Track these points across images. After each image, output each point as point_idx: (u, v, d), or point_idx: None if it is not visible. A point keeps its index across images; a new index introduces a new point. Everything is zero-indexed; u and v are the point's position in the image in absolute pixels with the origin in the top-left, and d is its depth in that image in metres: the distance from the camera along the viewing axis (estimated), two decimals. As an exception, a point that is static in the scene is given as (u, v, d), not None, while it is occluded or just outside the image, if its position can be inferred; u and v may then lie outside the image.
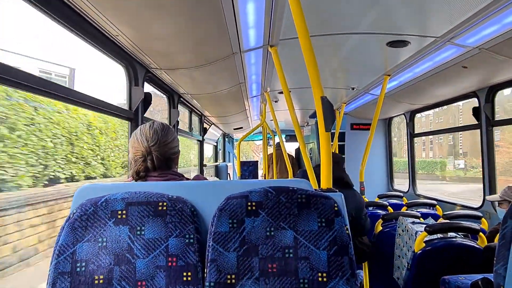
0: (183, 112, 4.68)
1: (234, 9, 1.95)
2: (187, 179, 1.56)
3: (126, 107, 2.67)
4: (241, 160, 6.48)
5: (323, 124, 1.53)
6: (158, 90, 3.45)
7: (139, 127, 1.56)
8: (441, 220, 3.06)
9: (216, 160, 8.98)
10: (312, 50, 1.56)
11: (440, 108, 4.52)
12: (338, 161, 2.74)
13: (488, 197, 3.25)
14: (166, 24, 2.06)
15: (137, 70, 2.66)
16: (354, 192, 2.74)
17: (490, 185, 3.49)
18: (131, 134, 2.61)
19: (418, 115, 5.22)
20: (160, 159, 1.49)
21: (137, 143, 1.50)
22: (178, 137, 1.67)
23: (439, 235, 2.41)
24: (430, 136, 28.45)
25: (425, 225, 2.42)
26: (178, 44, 2.39)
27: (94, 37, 2.09)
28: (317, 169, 1.99)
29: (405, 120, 5.31)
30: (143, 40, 2.27)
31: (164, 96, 3.78)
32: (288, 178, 4.53)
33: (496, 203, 3.30)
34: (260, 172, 9.34)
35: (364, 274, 3.12)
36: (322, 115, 1.53)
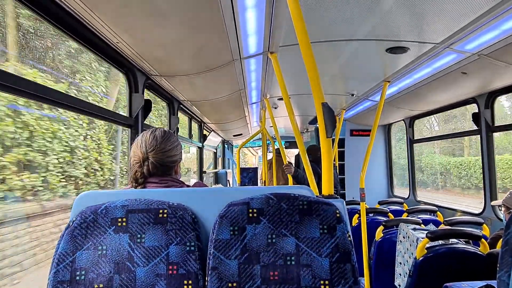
0: (182, 119, 4.69)
1: (234, 17, 1.95)
2: (187, 186, 1.55)
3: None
4: (239, 165, 6.47)
5: (324, 130, 1.53)
6: (158, 97, 3.46)
7: (142, 133, 1.56)
8: (442, 227, 3.05)
9: (215, 167, 8.96)
10: (312, 56, 1.57)
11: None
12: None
13: (492, 202, 3.30)
14: (166, 32, 2.06)
15: (137, 77, 2.66)
16: None
17: (490, 190, 3.49)
18: (131, 141, 2.63)
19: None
20: (156, 166, 1.48)
21: (136, 148, 1.51)
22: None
23: (441, 242, 2.39)
24: None
25: (426, 232, 2.41)
26: (178, 51, 2.39)
27: (95, 44, 2.10)
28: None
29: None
30: (143, 48, 2.28)
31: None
32: (287, 184, 4.51)
33: (497, 208, 3.31)
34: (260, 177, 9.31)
35: (365, 281, 3.10)
36: (323, 121, 1.53)
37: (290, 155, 10.32)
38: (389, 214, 3.73)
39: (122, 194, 1.29)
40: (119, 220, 1.20)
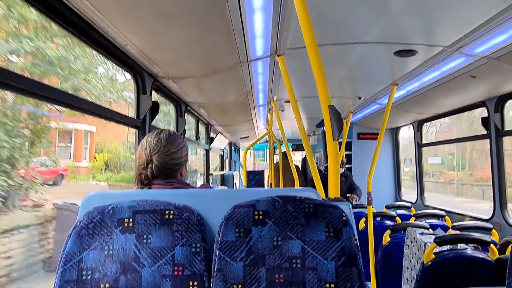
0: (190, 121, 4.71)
1: (242, 19, 1.96)
2: (193, 187, 1.56)
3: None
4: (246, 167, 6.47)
5: (331, 133, 1.52)
6: (165, 98, 3.48)
7: (148, 134, 1.56)
8: (450, 231, 3.02)
9: (222, 169, 8.98)
10: (319, 59, 1.56)
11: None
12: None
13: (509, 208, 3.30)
14: (175, 34, 2.08)
15: (145, 79, 2.68)
16: None
17: (500, 195, 3.44)
18: (138, 142, 2.65)
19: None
20: (159, 168, 1.47)
21: (141, 150, 1.51)
22: None
23: (449, 247, 2.36)
24: None
25: (434, 236, 2.38)
26: (186, 53, 2.41)
27: (103, 46, 2.12)
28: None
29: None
30: (151, 50, 2.29)
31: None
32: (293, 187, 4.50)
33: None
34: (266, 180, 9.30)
35: (372, 286, 3.07)
36: (330, 124, 1.52)
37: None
38: (397, 218, 3.70)
39: (128, 195, 1.30)
40: (126, 220, 1.20)
